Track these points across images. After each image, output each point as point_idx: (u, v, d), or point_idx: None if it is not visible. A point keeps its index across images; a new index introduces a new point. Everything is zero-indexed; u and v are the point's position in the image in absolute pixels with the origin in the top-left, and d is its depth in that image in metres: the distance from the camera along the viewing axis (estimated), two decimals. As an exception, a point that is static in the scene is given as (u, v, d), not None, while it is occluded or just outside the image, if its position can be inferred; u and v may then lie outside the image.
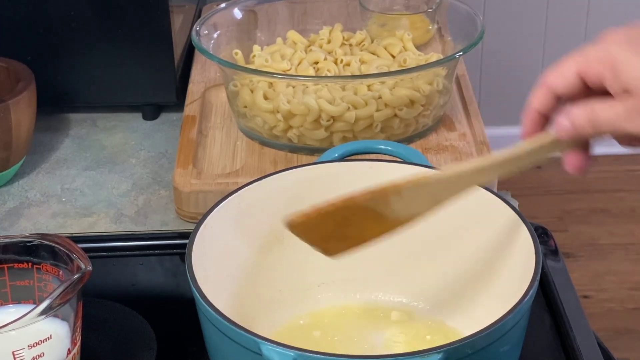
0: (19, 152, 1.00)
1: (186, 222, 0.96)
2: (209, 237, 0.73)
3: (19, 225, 0.96)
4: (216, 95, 1.12)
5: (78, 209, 0.99)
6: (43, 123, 1.10)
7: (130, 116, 1.16)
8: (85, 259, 0.68)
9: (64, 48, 1.10)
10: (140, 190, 1.02)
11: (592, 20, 2.29)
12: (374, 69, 1.05)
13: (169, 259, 0.92)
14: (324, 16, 1.18)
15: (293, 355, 0.60)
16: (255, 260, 0.79)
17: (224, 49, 1.08)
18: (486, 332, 0.62)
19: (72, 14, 1.08)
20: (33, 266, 0.72)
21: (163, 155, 1.08)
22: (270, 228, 0.79)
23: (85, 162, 1.07)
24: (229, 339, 0.64)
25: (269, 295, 0.79)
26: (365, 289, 0.82)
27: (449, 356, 0.60)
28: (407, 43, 1.11)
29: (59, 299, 0.65)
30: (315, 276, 0.81)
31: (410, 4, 1.20)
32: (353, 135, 0.99)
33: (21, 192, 1.02)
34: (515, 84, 2.37)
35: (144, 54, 1.11)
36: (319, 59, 1.07)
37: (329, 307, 0.81)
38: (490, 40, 2.18)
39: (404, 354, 0.61)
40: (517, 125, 2.41)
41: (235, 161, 1.00)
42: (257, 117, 1.01)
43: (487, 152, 0.99)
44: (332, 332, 0.78)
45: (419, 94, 1.00)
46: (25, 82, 0.99)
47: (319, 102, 0.98)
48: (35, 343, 0.66)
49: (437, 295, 0.80)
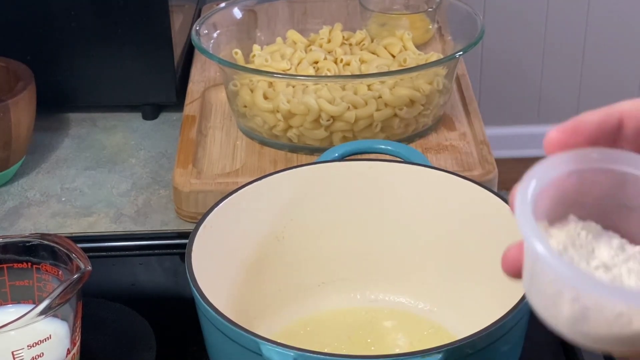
0: (19, 151, 1.00)
1: (186, 222, 0.96)
2: (209, 237, 0.73)
3: (19, 225, 0.96)
4: (216, 95, 1.12)
5: (78, 208, 0.99)
6: (43, 123, 1.10)
7: (130, 116, 1.16)
8: (84, 258, 0.68)
9: (63, 47, 1.10)
10: (140, 190, 1.02)
11: (592, 20, 2.29)
12: (374, 69, 1.05)
13: (168, 259, 0.92)
14: (324, 16, 1.18)
15: (293, 355, 0.60)
16: (255, 260, 0.78)
17: (224, 49, 1.07)
18: (486, 332, 0.62)
19: (72, 14, 1.08)
20: (32, 266, 0.71)
21: (163, 155, 1.08)
22: (270, 228, 0.79)
23: (85, 162, 1.07)
24: (229, 339, 0.64)
25: (269, 295, 0.79)
26: (365, 289, 0.82)
27: (449, 356, 0.60)
28: (407, 43, 1.11)
29: (59, 299, 0.65)
30: (315, 276, 0.81)
31: (410, 4, 1.20)
32: (353, 135, 0.99)
33: (21, 192, 1.02)
34: (516, 84, 2.37)
35: (143, 54, 1.11)
36: (318, 59, 1.07)
37: (329, 307, 0.81)
38: (490, 39, 2.18)
39: (404, 354, 0.61)
40: (517, 125, 2.43)
41: (235, 161, 1.00)
42: (257, 117, 1.01)
43: (487, 151, 0.99)
44: (332, 332, 0.78)
45: (419, 93, 1.00)
46: (24, 82, 0.99)
47: (318, 101, 0.98)
48: (35, 343, 0.66)
49: (437, 295, 0.80)
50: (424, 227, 0.80)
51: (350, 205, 0.80)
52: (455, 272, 0.79)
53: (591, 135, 0.45)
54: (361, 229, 0.81)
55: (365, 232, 0.81)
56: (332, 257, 0.81)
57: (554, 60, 2.34)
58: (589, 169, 0.45)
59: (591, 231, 0.45)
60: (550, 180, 0.44)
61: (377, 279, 0.81)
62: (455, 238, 0.78)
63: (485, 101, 2.32)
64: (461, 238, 0.78)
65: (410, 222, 0.80)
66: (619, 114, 0.45)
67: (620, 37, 2.31)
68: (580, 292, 0.41)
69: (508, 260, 0.46)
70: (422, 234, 0.80)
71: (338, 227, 0.81)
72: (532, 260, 0.43)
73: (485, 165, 0.97)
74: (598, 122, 0.45)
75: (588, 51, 2.33)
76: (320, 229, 0.80)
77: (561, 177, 0.44)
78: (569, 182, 0.45)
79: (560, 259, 0.41)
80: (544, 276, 0.42)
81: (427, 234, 0.79)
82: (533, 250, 0.41)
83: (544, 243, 0.41)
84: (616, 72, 2.35)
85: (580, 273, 0.42)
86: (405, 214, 0.80)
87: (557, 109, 2.39)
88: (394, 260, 0.81)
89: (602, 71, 2.35)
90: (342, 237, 0.81)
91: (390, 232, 0.81)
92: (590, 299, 0.41)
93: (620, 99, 0.46)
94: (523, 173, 0.45)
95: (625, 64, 2.35)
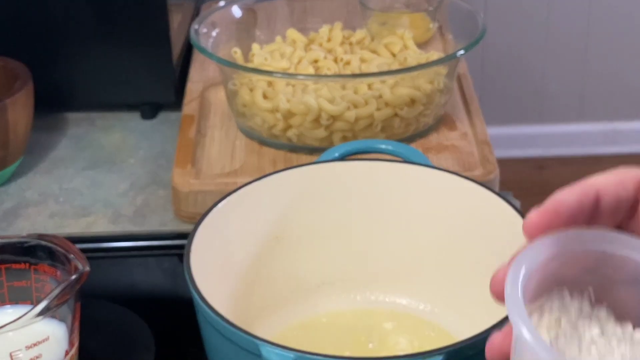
0: (16, 151, 1.00)
1: (185, 222, 0.95)
2: (208, 238, 0.73)
3: (17, 226, 0.96)
4: (215, 94, 1.11)
5: (76, 209, 0.99)
6: (40, 122, 1.09)
7: (128, 115, 1.15)
8: (83, 259, 0.68)
9: (61, 47, 1.10)
10: (138, 190, 1.01)
11: (594, 19, 2.29)
12: (374, 68, 1.05)
13: (167, 260, 0.91)
14: (324, 14, 1.17)
15: (292, 356, 0.60)
16: (254, 260, 0.78)
17: (223, 48, 1.07)
18: (488, 333, 0.62)
19: (70, 13, 1.08)
20: (30, 267, 0.71)
21: (161, 155, 1.08)
22: (269, 228, 0.79)
23: (83, 162, 1.07)
24: (228, 340, 0.63)
25: (268, 296, 0.79)
26: (365, 290, 0.81)
27: (451, 358, 0.60)
28: (408, 41, 1.10)
29: (57, 299, 0.64)
30: (315, 277, 0.81)
31: (411, 3, 1.20)
32: (353, 134, 0.99)
33: (18, 192, 1.01)
34: (517, 83, 2.37)
35: (142, 53, 1.10)
36: (318, 58, 1.07)
37: (328, 308, 0.80)
38: (491, 38, 2.18)
39: (404, 355, 0.61)
40: (518, 125, 2.43)
41: (234, 161, 0.99)
42: (257, 117, 1.00)
43: (489, 151, 0.98)
44: (332, 333, 0.78)
45: (419, 93, 0.99)
46: (22, 81, 0.98)
47: (318, 101, 0.97)
48: (33, 344, 0.66)
49: (438, 296, 0.79)
50: (424, 227, 0.79)
51: (351, 205, 0.80)
52: (456, 273, 0.79)
53: (571, 214, 0.46)
54: (361, 229, 0.80)
55: (366, 232, 0.80)
56: (331, 258, 0.81)
57: (556, 59, 2.34)
58: (572, 251, 0.46)
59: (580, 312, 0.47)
60: (536, 265, 0.45)
61: (378, 279, 0.81)
62: (456, 238, 0.78)
63: (486, 101, 2.32)
64: (462, 238, 0.78)
65: (411, 223, 0.80)
66: (595, 190, 0.46)
67: (622, 36, 2.31)
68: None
69: (496, 283, 0.47)
70: (423, 235, 0.79)
71: (338, 227, 0.80)
72: (520, 347, 0.44)
73: (486, 165, 0.96)
74: (577, 202, 0.46)
75: (590, 50, 2.32)
76: (320, 229, 0.80)
77: (546, 261, 0.46)
78: (553, 266, 0.46)
79: (547, 349, 0.42)
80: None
81: (428, 234, 0.79)
82: (521, 337, 0.42)
83: (532, 331, 0.42)
84: (619, 70, 2.35)
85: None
86: (406, 214, 0.80)
87: (559, 109, 2.39)
88: (394, 261, 0.80)
89: (605, 70, 2.35)
90: (342, 237, 0.80)
91: (391, 233, 0.80)
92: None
93: (623, 98, 0.46)
94: (524, 173, 0.45)
95: (628, 62, 2.34)
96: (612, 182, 0.47)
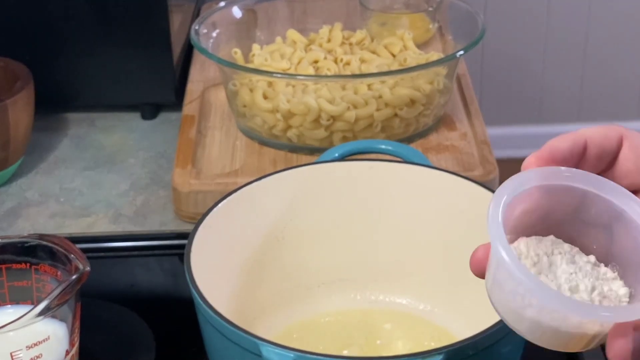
0: (17, 151, 1.00)
1: (185, 223, 0.95)
2: (208, 238, 0.73)
3: (17, 226, 0.96)
4: (215, 94, 1.11)
5: (76, 209, 0.99)
6: (41, 123, 1.10)
7: (129, 116, 1.15)
8: (83, 259, 0.68)
9: (62, 47, 1.10)
10: (139, 190, 1.01)
11: (594, 19, 2.29)
12: (374, 68, 1.05)
13: (167, 260, 0.91)
14: (324, 15, 1.17)
15: (293, 356, 0.60)
16: (254, 260, 0.78)
17: (223, 48, 1.07)
18: (488, 333, 0.62)
19: (71, 13, 1.08)
20: (31, 267, 0.71)
21: (162, 155, 1.08)
22: (270, 228, 0.79)
23: (84, 162, 1.07)
24: (229, 340, 0.63)
25: (268, 296, 0.79)
26: (365, 290, 0.81)
27: (451, 357, 0.60)
28: (408, 42, 1.11)
29: (57, 299, 0.64)
30: (315, 277, 0.81)
31: (411, 3, 1.20)
32: (353, 134, 0.99)
33: (19, 192, 1.01)
34: (516, 83, 2.37)
35: (142, 53, 1.10)
36: (318, 58, 1.07)
37: (329, 307, 0.80)
38: (491, 39, 2.18)
39: (405, 355, 0.61)
40: (518, 125, 2.43)
41: (235, 161, 0.99)
42: (257, 117, 1.00)
43: (488, 151, 0.98)
44: (332, 333, 0.78)
45: (419, 93, 0.99)
46: (23, 82, 0.98)
47: (318, 101, 0.97)
48: (34, 344, 0.66)
49: (438, 296, 0.79)
50: (424, 227, 0.79)
51: (351, 205, 0.80)
52: (456, 273, 0.78)
53: (564, 159, 0.51)
54: (361, 229, 0.80)
55: (366, 232, 0.81)
56: (332, 258, 0.81)
57: (556, 60, 2.34)
58: (555, 185, 0.50)
59: (552, 245, 0.51)
60: (520, 193, 0.50)
61: (377, 279, 0.81)
62: (456, 238, 0.78)
63: (486, 101, 2.32)
64: (462, 238, 0.78)
65: (411, 223, 0.80)
66: (585, 139, 0.52)
67: (622, 36, 2.31)
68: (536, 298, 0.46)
69: (475, 260, 0.51)
70: (423, 235, 0.79)
71: (338, 227, 0.80)
72: (496, 263, 0.48)
73: (486, 165, 0.96)
74: (569, 147, 0.51)
75: (590, 50, 2.32)
76: (320, 229, 0.80)
77: (530, 191, 0.50)
78: (537, 197, 0.50)
79: (520, 266, 0.46)
80: (504, 279, 0.48)
81: (428, 234, 0.79)
82: (498, 255, 0.46)
83: (507, 250, 0.46)
84: (618, 71, 2.35)
85: (537, 281, 0.46)
86: (406, 214, 0.80)
87: (559, 109, 2.39)
88: (394, 260, 0.81)
89: (604, 71, 2.34)
90: (342, 237, 0.81)
91: (391, 233, 0.80)
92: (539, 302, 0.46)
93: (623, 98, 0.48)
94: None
95: (627, 63, 2.34)
96: (599, 134, 0.53)
